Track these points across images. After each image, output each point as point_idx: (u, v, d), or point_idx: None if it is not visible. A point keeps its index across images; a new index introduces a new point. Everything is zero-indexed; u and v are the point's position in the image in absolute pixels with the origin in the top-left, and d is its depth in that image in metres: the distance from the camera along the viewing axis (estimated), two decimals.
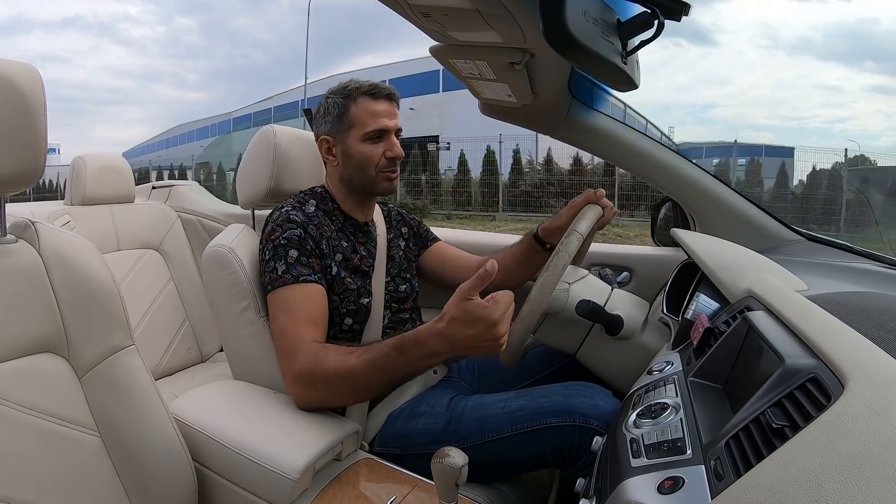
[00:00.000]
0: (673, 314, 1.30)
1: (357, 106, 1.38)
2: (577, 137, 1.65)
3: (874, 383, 0.54)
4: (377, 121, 1.38)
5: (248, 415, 1.17)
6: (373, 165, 1.39)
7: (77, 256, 0.96)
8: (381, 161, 1.39)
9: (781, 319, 0.80)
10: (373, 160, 1.39)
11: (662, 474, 0.64)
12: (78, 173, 2.23)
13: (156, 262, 2.35)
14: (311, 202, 1.40)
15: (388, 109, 1.41)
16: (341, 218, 1.43)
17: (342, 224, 1.42)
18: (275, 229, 1.29)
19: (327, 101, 1.42)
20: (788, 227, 1.63)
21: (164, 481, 1.00)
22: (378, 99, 1.40)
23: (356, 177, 1.41)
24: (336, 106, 1.40)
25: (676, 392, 0.86)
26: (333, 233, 1.37)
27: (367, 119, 1.38)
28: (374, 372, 1.13)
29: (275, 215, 1.33)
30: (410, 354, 1.12)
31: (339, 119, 1.39)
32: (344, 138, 1.40)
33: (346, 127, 1.39)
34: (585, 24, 0.85)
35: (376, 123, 1.38)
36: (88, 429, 0.93)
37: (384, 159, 1.40)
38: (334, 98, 1.41)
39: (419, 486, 1.06)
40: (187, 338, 2.35)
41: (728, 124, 59.87)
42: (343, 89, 1.41)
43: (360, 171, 1.40)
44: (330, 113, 1.41)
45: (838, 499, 0.40)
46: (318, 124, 1.44)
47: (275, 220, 1.31)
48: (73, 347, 0.93)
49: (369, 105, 1.39)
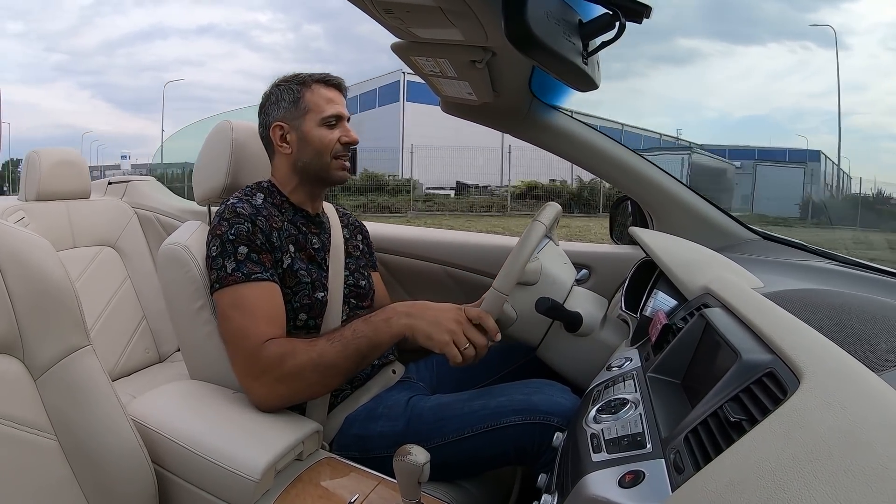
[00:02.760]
0: (631, 311, 1.31)
1: (312, 92, 1.39)
2: (536, 136, 1.67)
3: (829, 377, 0.55)
4: (333, 106, 1.39)
5: (208, 415, 1.15)
6: (329, 150, 1.39)
7: (31, 254, 0.92)
8: (336, 146, 1.39)
9: (738, 316, 0.82)
10: (330, 144, 1.38)
11: (623, 468, 0.65)
12: (33, 168, 2.15)
13: (112, 259, 2.28)
14: (259, 195, 1.37)
15: (341, 98, 1.43)
16: (291, 210, 1.41)
17: (292, 216, 1.40)
18: (221, 223, 1.26)
19: (278, 90, 1.41)
20: (745, 226, 1.67)
21: (123, 484, 0.98)
22: (330, 87, 1.41)
23: (312, 162, 1.40)
24: (290, 92, 1.39)
25: (635, 387, 0.87)
26: (284, 223, 1.35)
27: (324, 104, 1.39)
28: (341, 346, 1.16)
29: (221, 209, 1.30)
30: (373, 320, 1.18)
31: (293, 105, 1.39)
32: (299, 124, 1.38)
33: (301, 112, 1.38)
34: (547, 24, 0.85)
35: (332, 108, 1.39)
36: (45, 432, 0.90)
37: (339, 145, 1.40)
38: (287, 85, 1.40)
39: (382, 484, 1.06)
40: (145, 337, 2.29)
41: (864, 133, 56.74)
42: (295, 77, 1.41)
43: (316, 156, 1.39)
44: (283, 100, 1.40)
45: (796, 490, 0.41)
46: (266, 113, 1.42)
47: (221, 214, 1.28)
48: (27, 348, 0.90)
49: (324, 92, 1.40)
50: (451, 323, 1.15)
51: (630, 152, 1.66)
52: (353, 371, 1.20)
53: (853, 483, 0.40)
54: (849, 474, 0.41)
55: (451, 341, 1.14)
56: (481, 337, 1.17)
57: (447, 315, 1.17)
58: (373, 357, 1.20)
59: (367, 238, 1.68)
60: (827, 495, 0.39)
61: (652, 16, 0.90)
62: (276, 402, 1.17)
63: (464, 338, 1.15)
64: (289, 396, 1.18)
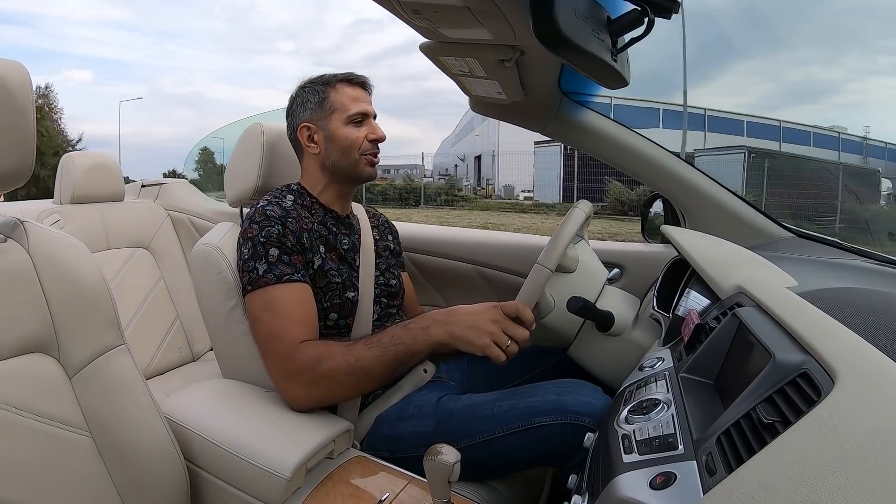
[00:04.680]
0: (663, 311, 1.30)
1: (337, 92, 1.40)
2: (566, 134, 1.66)
3: (864, 379, 0.54)
4: (358, 104, 1.41)
5: (240, 414, 1.17)
6: (356, 148, 1.40)
7: (67, 255, 0.95)
8: (364, 143, 1.40)
9: (771, 315, 0.80)
10: (357, 142, 1.40)
11: (654, 470, 0.64)
12: (67, 172, 2.22)
13: (146, 260, 2.34)
14: (289, 197, 1.39)
15: (366, 96, 1.45)
16: (321, 211, 1.42)
17: (322, 217, 1.41)
18: (252, 226, 1.27)
19: (303, 92, 1.43)
20: (778, 223, 1.64)
21: (156, 481, 1.00)
22: (355, 85, 1.43)
23: (341, 161, 1.41)
24: (315, 93, 1.41)
25: (667, 388, 0.86)
26: (314, 224, 1.36)
27: (349, 103, 1.40)
28: (379, 352, 1.16)
29: (251, 212, 1.31)
30: (411, 327, 1.18)
31: (319, 105, 1.40)
32: (325, 123, 1.40)
33: (327, 112, 1.40)
34: (575, 22, 0.85)
35: (358, 107, 1.40)
36: (80, 429, 0.93)
37: (367, 142, 1.40)
38: (311, 87, 1.42)
39: (412, 484, 1.06)
40: (178, 337, 2.34)
41: None
42: (319, 78, 1.43)
43: (344, 154, 1.40)
44: (309, 101, 1.41)
45: (829, 493, 0.40)
46: (293, 115, 1.44)
47: (251, 217, 1.29)
48: (63, 347, 0.92)
49: (349, 90, 1.41)
50: (489, 324, 1.16)
51: (662, 150, 1.64)
52: (388, 377, 1.21)
53: (888, 487, 0.39)
54: (882, 478, 0.40)
55: (492, 343, 1.14)
56: (521, 330, 1.17)
57: (484, 317, 1.17)
58: (409, 364, 1.21)
59: (396, 238, 1.69)
60: (860, 499, 0.38)
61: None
62: (310, 403, 1.18)
63: (504, 336, 1.15)
64: (322, 398, 1.18)
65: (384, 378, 1.21)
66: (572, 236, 1.31)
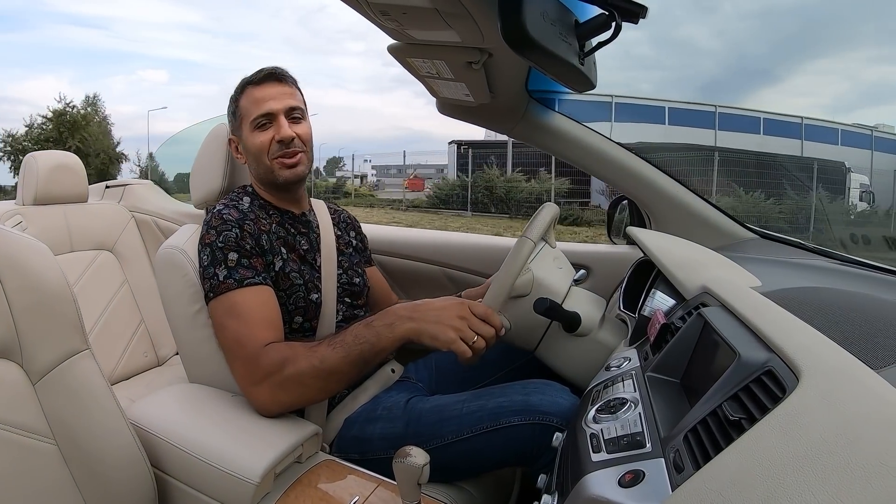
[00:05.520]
0: (630, 311, 1.31)
1: (244, 97, 1.36)
2: (533, 136, 1.67)
3: (828, 376, 0.55)
4: (259, 106, 1.34)
5: (207, 418, 1.15)
6: (265, 153, 1.35)
7: (29, 259, 0.92)
8: (272, 147, 1.35)
9: (736, 315, 0.82)
10: (263, 147, 1.34)
11: (623, 468, 0.65)
12: (30, 172, 2.16)
13: (110, 263, 2.29)
14: (245, 199, 1.37)
15: (275, 91, 1.36)
16: (277, 212, 1.40)
17: (280, 218, 1.39)
18: (210, 231, 1.24)
19: (230, 103, 1.40)
20: (743, 225, 1.67)
21: (123, 489, 0.98)
22: (260, 84, 1.36)
23: (258, 170, 1.38)
24: (231, 103, 1.39)
25: (634, 387, 0.87)
26: (272, 226, 1.34)
27: (251, 107, 1.35)
28: (344, 352, 1.13)
29: (208, 217, 1.28)
30: (375, 324, 1.15)
31: (234, 116, 1.38)
32: (241, 133, 1.38)
33: (239, 122, 1.37)
34: (543, 25, 0.86)
35: (259, 109, 1.34)
36: (44, 436, 0.90)
37: (274, 144, 1.35)
38: (231, 98, 1.40)
39: (382, 486, 1.06)
40: (143, 341, 2.29)
41: None
42: (237, 87, 1.40)
43: (257, 162, 1.37)
44: (230, 114, 1.40)
45: (796, 487, 0.41)
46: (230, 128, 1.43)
47: (209, 223, 1.26)
48: (26, 352, 0.89)
49: (253, 93, 1.36)
50: (455, 319, 1.12)
51: (627, 152, 1.66)
52: (354, 376, 1.19)
53: (853, 480, 0.40)
54: (848, 471, 0.41)
55: (458, 338, 1.11)
56: (488, 327, 1.14)
57: (450, 312, 1.14)
58: (375, 362, 1.18)
59: (360, 234, 1.67)
60: (827, 492, 0.39)
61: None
62: (278, 407, 1.16)
63: (470, 332, 1.12)
64: (290, 402, 1.16)
65: (351, 378, 1.18)
66: (517, 275, 1.27)
